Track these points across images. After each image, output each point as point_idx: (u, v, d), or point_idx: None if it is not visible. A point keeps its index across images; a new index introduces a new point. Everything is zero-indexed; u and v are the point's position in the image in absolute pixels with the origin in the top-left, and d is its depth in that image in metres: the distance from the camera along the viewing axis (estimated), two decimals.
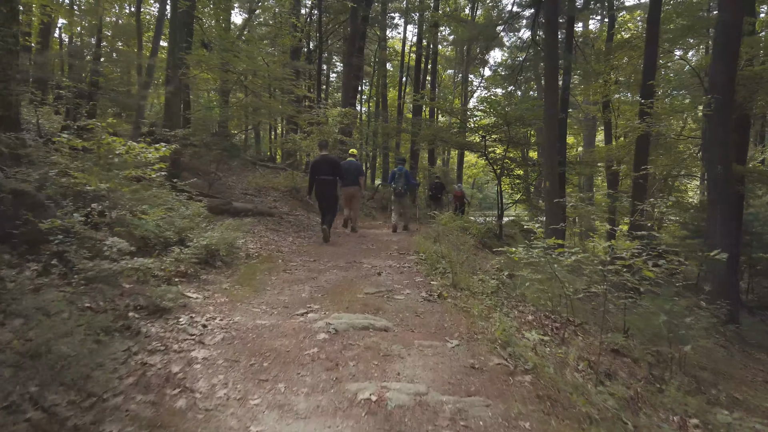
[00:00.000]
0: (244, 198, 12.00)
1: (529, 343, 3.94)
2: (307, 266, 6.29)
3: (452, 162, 36.79)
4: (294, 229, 9.50)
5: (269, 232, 8.66)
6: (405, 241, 8.97)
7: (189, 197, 8.16)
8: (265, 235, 8.27)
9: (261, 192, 13.25)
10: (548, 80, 10.43)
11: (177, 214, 6.10)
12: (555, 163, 10.42)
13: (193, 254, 5.32)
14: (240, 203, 10.21)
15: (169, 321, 3.70)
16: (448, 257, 6.76)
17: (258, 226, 9.08)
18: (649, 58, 11.06)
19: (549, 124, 10.26)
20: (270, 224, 9.54)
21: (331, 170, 8.33)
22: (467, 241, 10.67)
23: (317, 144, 9.93)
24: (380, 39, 27.49)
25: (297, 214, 11.58)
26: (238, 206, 9.88)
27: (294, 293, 4.95)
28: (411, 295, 4.99)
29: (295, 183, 13.68)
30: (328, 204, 8.44)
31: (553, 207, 10.25)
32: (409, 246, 8.22)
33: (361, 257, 7.02)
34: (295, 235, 8.92)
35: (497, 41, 36.89)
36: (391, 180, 10.97)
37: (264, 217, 10.06)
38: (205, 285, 4.92)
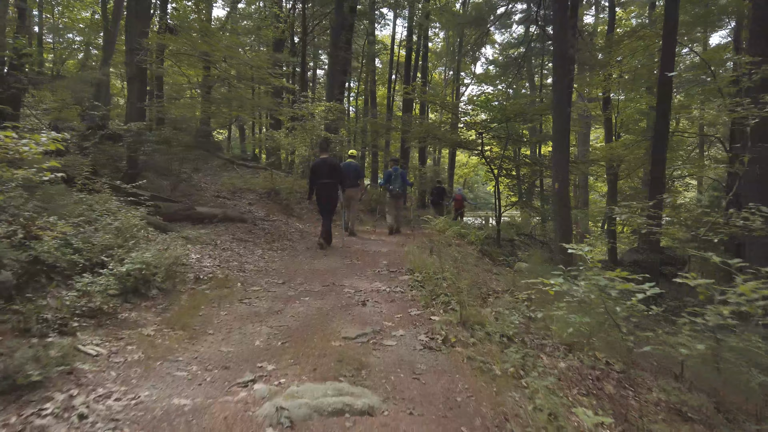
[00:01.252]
0: (215, 201, 10.57)
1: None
2: (272, 291, 4.91)
3: (443, 161, 35.51)
4: (267, 239, 8.09)
5: (235, 243, 7.25)
6: (396, 252, 7.61)
7: (137, 203, 6.75)
8: (229, 248, 6.86)
9: (236, 194, 11.81)
10: (557, 66, 9.11)
11: (102, 227, 4.67)
12: (566, 161, 9.11)
13: (113, 283, 3.92)
14: (205, 208, 8.79)
15: (24, 410, 2.30)
16: (450, 278, 5.40)
17: (223, 235, 7.67)
18: (668, 45, 9.78)
19: (559, 116, 8.94)
20: (239, 233, 8.13)
21: (332, 174, 7.81)
22: (467, 251, 9.35)
23: (318, 145, 9.30)
24: (368, 33, 26.10)
25: (273, 220, 10.16)
26: (203, 211, 8.45)
27: (245, 339, 3.56)
28: (406, 339, 3.62)
29: (274, 184, 12.26)
30: (329, 209, 7.95)
31: (564, 211, 8.94)
32: (401, 259, 6.86)
33: (342, 276, 5.65)
34: (267, 246, 7.51)
35: (489, 38, 35.81)
36: (386, 181, 10.41)
37: (233, 224, 8.64)
38: (120, 329, 3.52)
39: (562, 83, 9.08)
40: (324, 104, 13.93)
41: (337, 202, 8.18)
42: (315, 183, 7.82)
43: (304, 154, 15.06)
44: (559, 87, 9.02)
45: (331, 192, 7.83)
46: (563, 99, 9.08)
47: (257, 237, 8.15)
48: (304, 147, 14.58)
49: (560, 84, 9.04)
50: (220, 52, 9.77)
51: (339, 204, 8.39)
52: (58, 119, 10.16)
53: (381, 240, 9.40)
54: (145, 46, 9.00)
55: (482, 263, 8.44)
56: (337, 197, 8.01)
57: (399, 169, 10.51)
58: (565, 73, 9.19)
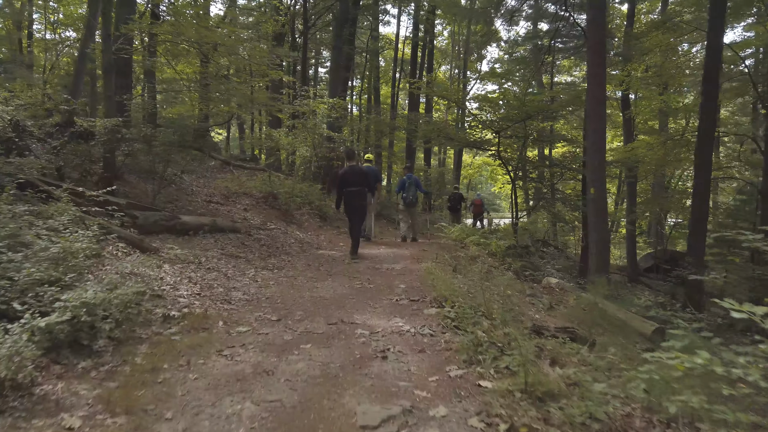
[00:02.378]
0: (206, 207, 9.41)
1: None
2: (263, 334, 3.73)
3: (448, 161, 34.33)
4: (262, 253, 6.93)
5: (224, 261, 6.09)
6: (413, 271, 6.44)
7: (106, 213, 5.62)
8: (215, 267, 5.69)
9: (230, 199, 10.65)
10: (594, 55, 7.95)
11: (35, 253, 3.50)
12: (603, 163, 7.96)
13: (36, 338, 2.75)
14: (192, 217, 7.63)
15: None
16: (489, 312, 4.24)
17: (211, 249, 6.51)
18: (714, 38, 8.60)
19: (595, 112, 7.79)
20: (230, 246, 6.97)
21: (360, 181, 7.60)
22: (488, 263, 8.20)
23: (344, 153, 9.14)
24: (372, 29, 24.93)
25: (271, 228, 9.00)
26: (189, 221, 7.29)
27: (217, 429, 2.40)
28: (452, 427, 2.46)
29: (272, 187, 11.09)
30: (358, 217, 7.76)
31: (601, 220, 7.78)
32: (421, 281, 5.70)
33: (351, 309, 4.48)
34: (261, 263, 6.35)
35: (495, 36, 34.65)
36: (401, 188, 10.11)
37: (224, 236, 7.48)
38: (30, 418, 2.36)
39: (598, 75, 7.91)
40: (327, 100, 12.76)
41: (366, 209, 8.02)
42: (344, 191, 7.56)
43: (305, 155, 13.90)
44: (595, 79, 7.87)
45: (361, 199, 7.61)
46: (599, 93, 7.92)
47: (251, 251, 6.99)
48: (305, 147, 13.42)
49: (596, 76, 7.89)
50: (216, 39, 8.60)
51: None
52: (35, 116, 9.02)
53: (393, 251, 8.25)
54: (125, 32, 7.85)
55: (510, 281, 7.27)
56: (366, 204, 7.85)
57: (413, 176, 10.18)
58: (602, 64, 8.01)
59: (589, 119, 7.96)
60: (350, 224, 7.84)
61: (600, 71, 7.83)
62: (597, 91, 7.79)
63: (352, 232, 7.80)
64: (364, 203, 7.79)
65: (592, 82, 7.85)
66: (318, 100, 12.82)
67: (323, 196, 12.46)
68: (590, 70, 8.02)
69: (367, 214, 8.62)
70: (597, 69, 7.81)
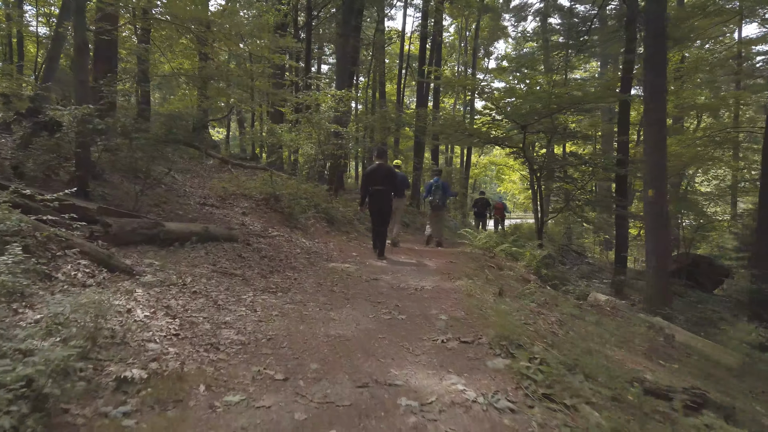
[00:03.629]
0: (199, 211, 8.17)
1: None
2: (262, 413, 2.47)
3: (454, 160, 33.07)
4: (262, 270, 5.69)
5: (215, 281, 4.83)
6: (448, 291, 5.20)
7: (64, 223, 4.41)
8: (203, 291, 4.44)
9: (227, 201, 9.41)
10: (652, 37, 6.70)
11: None
12: (664, 162, 6.71)
13: None
14: (179, 224, 6.38)
15: None
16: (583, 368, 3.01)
17: (201, 265, 5.27)
18: None
19: (655, 102, 6.55)
20: (224, 259, 5.73)
21: (387, 181, 7.36)
22: (523, 277, 7.00)
23: (374, 151, 8.77)
24: (378, 21, 23.69)
25: (273, 236, 7.76)
26: (175, 229, 6.05)
27: None
28: None
29: (274, 188, 9.83)
30: (382, 218, 7.52)
31: (661, 228, 6.55)
32: (465, 307, 4.46)
33: (385, 355, 3.24)
34: (262, 283, 5.09)
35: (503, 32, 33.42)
36: (428, 193, 10.00)
37: (218, 246, 6.24)
38: None
39: (658, 59, 6.67)
40: (334, 92, 11.50)
41: (392, 211, 7.77)
42: (368, 189, 7.38)
43: (310, 152, 12.64)
44: (655, 65, 6.62)
45: (386, 200, 7.37)
46: (658, 80, 6.68)
47: (249, 266, 5.74)
48: (310, 144, 12.17)
49: (655, 60, 6.64)
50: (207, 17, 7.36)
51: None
52: None
53: (416, 263, 7.03)
54: (104, 5, 6.62)
55: (555, 299, 6.04)
56: (391, 205, 7.58)
57: (440, 180, 10.00)
58: (661, 45, 6.76)
59: (647, 111, 6.72)
60: (373, 226, 7.60)
61: (659, 54, 6.60)
62: (656, 79, 6.56)
63: (375, 234, 7.56)
64: (390, 204, 7.49)
65: (650, 67, 6.62)
66: (324, 91, 11.56)
67: (330, 198, 11.22)
68: (648, 52, 6.77)
69: (392, 217, 8.15)
70: (656, 54, 6.57)
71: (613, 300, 6.85)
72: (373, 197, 7.37)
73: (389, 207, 7.56)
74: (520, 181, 39.79)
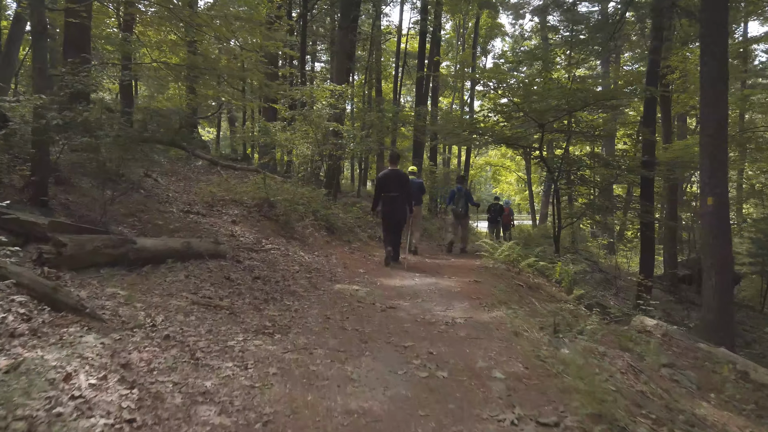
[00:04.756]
0: (182, 221, 7.06)
1: None
2: None
3: (451, 161, 32.06)
4: (255, 298, 4.59)
5: (193, 321, 3.73)
6: (486, 324, 4.15)
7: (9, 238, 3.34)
8: (177, 337, 3.34)
9: (214, 208, 8.31)
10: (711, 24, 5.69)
11: None
12: (725, 162, 5.72)
13: None
14: (155, 239, 5.29)
15: None
16: None
17: (178, 294, 4.18)
18: None
19: (715, 98, 5.57)
20: (207, 285, 4.64)
21: (400, 187, 7.16)
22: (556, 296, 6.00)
23: (388, 156, 8.67)
24: (375, 17, 22.60)
25: (267, 250, 6.69)
26: (149, 246, 4.96)
27: None
28: None
29: (268, 193, 8.74)
30: (395, 225, 7.32)
31: (723, 242, 5.56)
32: (518, 351, 3.42)
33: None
34: (255, 319, 3.99)
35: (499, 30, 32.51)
36: (450, 200, 10.01)
37: (201, 265, 5.16)
38: None
39: (718, 49, 5.67)
40: (333, 87, 10.39)
41: (406, 218, 7.46)
42: (381, 195, 7.18)
43: (306, 153, 11.54)
44: (714, 55, 5.62)
45: (399, 206, 7.12)
46: (718, 68, 5.68)
47: (239, 292, 4.66)
48: (306, 144, 11.08)
49: (713, 42, 5.64)
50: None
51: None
52: None
53: (436, 281, 6.00)
54: None
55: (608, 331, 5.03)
56: (405, 212, 7.28)
57: (463, 188, 9.89)
58: (722, 25, 5.76)
59: (704, 104, 5.74)
60: (384, 233, 7.35)
61: (720, 35, 5.61)
62: (714, 66, 5.58)
63: (386, 244, 7.28)
64: (403, 212, 7.20)
65: (710, 60, 5.62)
66: (322, 87, 10.47)
67: (329, 203, 10.14)
68: (706, 44, 5.75)
69: (405, 225, 7.75)
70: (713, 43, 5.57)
71: (663, 326, 5.84)
72: (385, 204, 7.10)
73: (403, 214, 7.24)
74: (516, 183, 38.97)
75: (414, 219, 8.63)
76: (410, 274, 6.58)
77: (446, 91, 31.15)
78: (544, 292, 6.38)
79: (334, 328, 3.95)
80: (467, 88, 30.99)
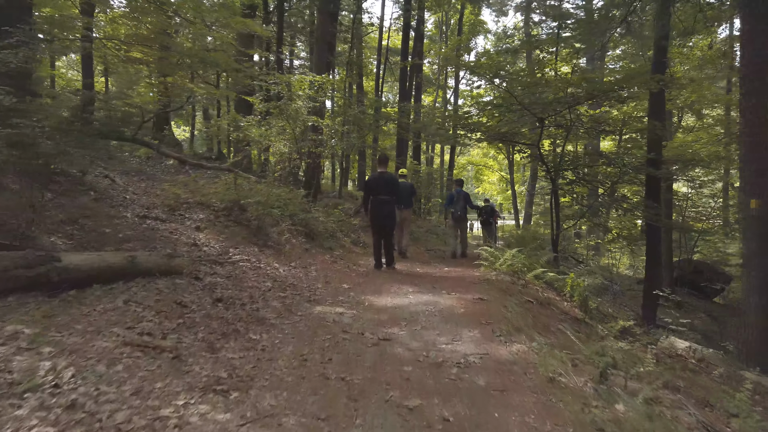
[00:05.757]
0: (137, 228, 5.97)
1: None
2: None
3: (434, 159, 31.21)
4: (210, 332, 3.54)
5: (114, 376, 2.67)
6: (510, 361, 3.20)
7: None
8: (86, 405, 2.29)
9: (177, 212, 7.22)
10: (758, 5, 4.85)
11: None
12: None
13: None
14: (91, 254, 4.19)
15: None
16: None
17: (104, 333, 3.12)
18: None
19: (758, 86, 4.71)
20: (149, 316, 3.58)
21: (389, 190, 6.89)
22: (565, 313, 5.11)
23: (377, 159, 8.05)
24: (355, 12, 21.57)
25: (235, 262, 5.65)
26: (79, 263, 3.88)
27: None
28: None
29: (239, 195, 7.67)
30: (385, 228, 6.99)
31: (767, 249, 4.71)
32: (559, 411, 2.47)
33: None
34: (208, 367, 2.95)
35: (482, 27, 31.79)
36: (449, 203, 9.77)
37: (148, 286, 4.11)
38: None
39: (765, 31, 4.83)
40: (312, 77, 9.34)
41: (395, 222, 7.31)
42: (370, 199, 6.99)
43: (283, 150, 10.47)
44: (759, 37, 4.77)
45: (389, 210, 6.95)
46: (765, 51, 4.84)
47: (191, 324, 3.61)
48: (283, 141, 10.03)
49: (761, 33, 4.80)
50: None
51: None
52: None
53: (435, 291, 5.04)
54: None
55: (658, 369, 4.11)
56: (395, 216, 7.16)
57: (461, 191, 9.69)
58: None
59: (746, 94, 4.90)
60: (374, 239, 7.08)
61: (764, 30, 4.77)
62: (760, 49, 4.74)
63: (376, 249, 7.04)
64: (393, 215, 7.03)
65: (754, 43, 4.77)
66: (301, 76, 9.42)
67: (308, 205, 9.11)
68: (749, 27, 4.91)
69: (396, 229, 7.59)
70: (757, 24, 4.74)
71: (698, 349, 4.99)
72: (375, 207, 6.88)
73: (392, 218, 7.05)
74: (498, 182, 38.25)
75: (404, 222, 8.57)
76: (403, 289, 5.61)
77: (429, 89, 30.29)
78: (557, 309, 5.48)
79: (313, 376, 2.95)
80: (450, 87, 30.19)
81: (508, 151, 29.21)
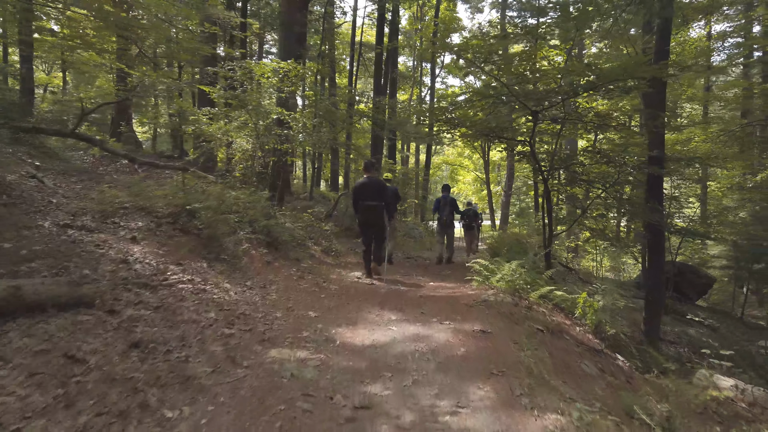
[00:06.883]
0: (54, 240, 4.68)
1: None
2: None
3: (409, 159, 30.18)
4: (105, 409, 2.34)
5: None
6: None
7: None
8: None
9: (110, 220, 5.93)
10: None
11: None
12: None
13: None
14: None
15: None
16: None
17: None
18: None
19: None
20: (16, 379, 2.37)
21: (377, 195, 6.74)
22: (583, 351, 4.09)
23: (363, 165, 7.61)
24: (327, 2, 20.36)
25: (173, 285, 4.43)
26: None
27: None
28: None
29: (187, 199, 6.41)
30: (374, 234, 6.83)
31: None
32: None
33: None
34: None
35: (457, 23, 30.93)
36: (436, 209, 9.54)
37: (36, 326, 2.89)
38: None
39: None
40: (277, 63, 8.12)
41: (386, 228, 6.98)
42: (359, 205, 6.78)
43: (246, 147, 9.22)
44: None
45: (378, 216, 6.71)
46: None
47: (74, 395, 2.41)
48: (245, 138, 8.79)
49: None
50: None
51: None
52: None
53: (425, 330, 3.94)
54: None
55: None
56: (383, 222, 6.82)
57: (449, 197, 9.52)
58: None
59: None
60: (365, 246, 6.92)
61: None
62: None
63: (365, 255, 6.91)
64: (382, 221, 6.83)
65: None
66: (263, 62, 8.20)
67: (273, 209, 7.91)
68: None
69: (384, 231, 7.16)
70: None
71: (748, 390, 4.03)
72: (363, 214, 6.77)
73: (382, 223, 6.85)
74: (473, 182, 37.47)
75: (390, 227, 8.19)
76: (384, 316, 4.48)
77: (404, 86, 29.26)
78: (570, 338, 4.46)
79: None
80: (426, 84, 29.23)
81: (484, 151, 28.44)
